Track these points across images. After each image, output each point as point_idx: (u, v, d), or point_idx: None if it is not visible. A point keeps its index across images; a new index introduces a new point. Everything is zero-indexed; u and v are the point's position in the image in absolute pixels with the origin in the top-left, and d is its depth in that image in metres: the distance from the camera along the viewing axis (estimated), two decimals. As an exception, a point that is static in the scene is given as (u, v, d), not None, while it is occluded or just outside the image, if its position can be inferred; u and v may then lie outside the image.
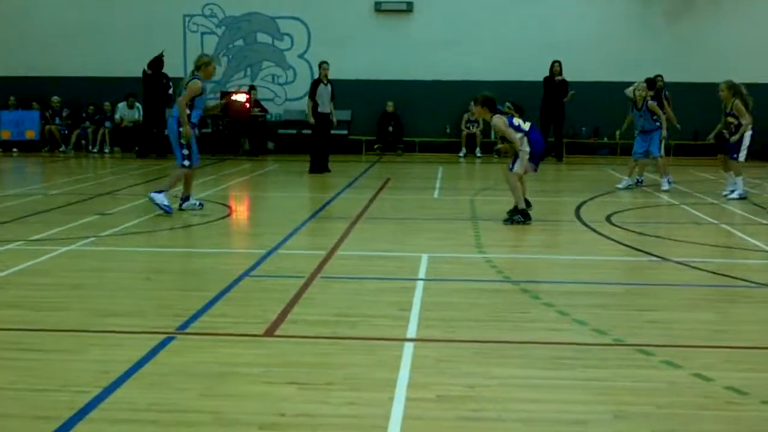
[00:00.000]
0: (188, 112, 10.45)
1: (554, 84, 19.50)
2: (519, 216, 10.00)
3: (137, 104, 20.73)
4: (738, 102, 12.60)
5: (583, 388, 4.51)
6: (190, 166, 10.59)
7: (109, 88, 20.94)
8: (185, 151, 10.48)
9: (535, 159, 10.15)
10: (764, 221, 10.42)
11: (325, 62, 16.35)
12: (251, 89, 20.83)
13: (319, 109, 16.08)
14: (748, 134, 12.65)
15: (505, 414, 4.12)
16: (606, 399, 4.34)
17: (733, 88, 12.73)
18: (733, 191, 12.74)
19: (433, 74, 20.89)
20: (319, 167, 16.27)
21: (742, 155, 12.70)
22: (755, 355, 5.17)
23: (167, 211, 10.26)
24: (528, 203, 10.33)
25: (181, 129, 10.37)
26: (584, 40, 20.51)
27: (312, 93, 16.13)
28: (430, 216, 10.87)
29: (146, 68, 19.50)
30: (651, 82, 15.53)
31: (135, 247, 8.53)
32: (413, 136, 21.33)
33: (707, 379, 4.60)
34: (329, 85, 16.19)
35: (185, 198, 10.83)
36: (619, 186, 14.11)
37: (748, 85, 19.43)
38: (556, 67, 19.58)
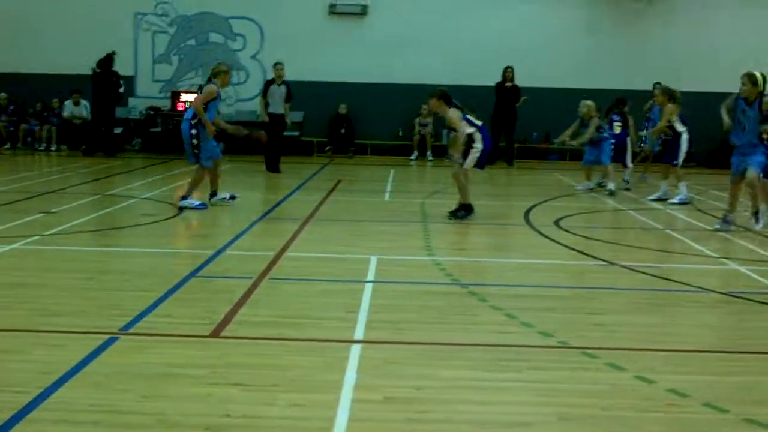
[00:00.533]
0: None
1: (506, 90, 19.64)
2: (463, 212, 10.35)
3: (83, 101, 20.43)
4: (670, 106, 12.90)
5: (528, 390, 4.54)
6: (203, 164, 10.99)
7: (57, 85, 20.59)
8: (196, 151, 10.88)
9: (484, 155, 10.47)
10: (708, 227, 10.58)
11: (280, 63, 16.48)
12: (200, 90, 20.59)
13: (270, 110, 16.17)
14: (685, 139, 12.98)
15: (452, 416, 4.13)
16: (551, 401, 4.38)
17: (668, 92, 13.07)
18: (661, 198, 13.22)
19: (385, 77, 20.90)
20: (271, 166, 16.38)
21: (681, 160, 12.99)
22: (696, 358, 5.25)
23: (202, 208, 10.83)
24: (471, 208, 10.60)
25: (192, 131, 10.83)
26: (536, 46, 20.68)
27: (264, 92, 16.30)
28: (381, 218, 10.87)
29: (95, 67, 19.24)
30: (621, 101, 15.83)
31: (80, 247, 8.40)
32: (365, 139, 21.33)
33: (649, 382, 4.66)
34: (283, 86, 16.24)
35: (212, 194, 11.35)
36: (579, 187, 14.44)
37: (696, 94, 19.86)
38: (508, 73, 19.72)
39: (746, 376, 4.91)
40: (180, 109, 19.93)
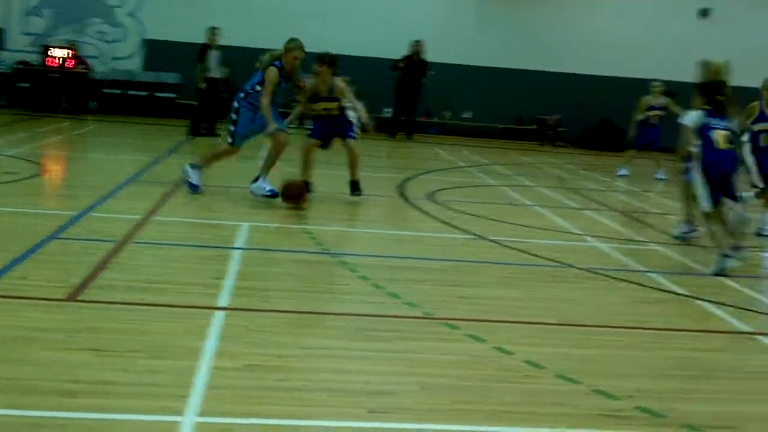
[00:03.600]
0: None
1: (413, 63, 19.55)
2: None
3: None
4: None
5: (390, 359, 4.58)
6: (232, 144, 9.44)
7: None
8: (231, 128, 9.39)
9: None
10: (575, 205, 10.92)
11: (217, 27, 16.45)
12: (72, 46, 19.82)
13: (210, 74, 16.33)
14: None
15: (313, 384, 4.12)
16: (412, 371, 4.42)
17: None
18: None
19: (277, 43, 20.47)
20: (198, 130, 16.39)
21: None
22: (554, 331, 5.40)
23: (272, 194, 9.02)
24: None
25: (235, 104, 9.38)
26: (429, 22, 20.69)
27: (201, 57, 16.28)
28: (255, 185, 10.71)
29: None
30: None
31: (-67, 203, 7.97)
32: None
33: (508, 353, 4.77)
34: (218, 50, 16.40)
35: (195, 165, 9.58)
36: None
37: (576, 76, 20.46)
38: (417, 47, 19.63)
39: (599, 349, 5.09)
40: (50, 64, 19.19)
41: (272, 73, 9.18)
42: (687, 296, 6.50)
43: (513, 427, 3.84)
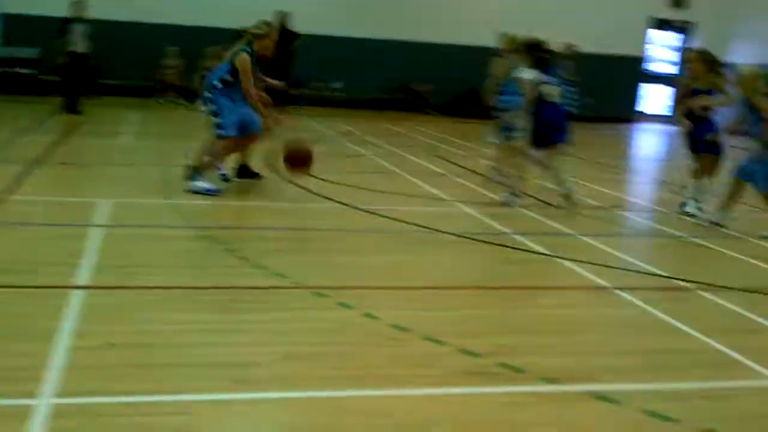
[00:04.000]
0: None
1: (283, 34, 19.22)
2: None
3: None
4: None
5: (257, 330, 4.56)
6: (222, 136, 8.55)
7: None
8: (217, 120, 8.52)
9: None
10: (445, 172, 11.09)
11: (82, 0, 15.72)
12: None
13: (72, 48, 15.55)
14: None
15: (179, 359, 4.06)
16: (278, 340, 4.42)
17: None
18: None
19: (132, 15, 19.89)
20: (72, 107, 15.70)
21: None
22: (422, 294, 5.50)
23: (212, 193, 8.41)
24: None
25: (209, 95, 8.53)
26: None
27: (61, 31, 15.52)
28: (118, 161, 10.40)
29: None
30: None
31: None
32: (109, 79, 20.28)
33: (375, 318, 4.82)
34: (85, 24, 15.68)
35: (240, 168, 9.28)
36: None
37: (446, 46, 20.61)
38: (281, 17, 19.29)
39: (465, 310, 5.21)
40: None
41: (246, 60, 8.43)
42: (548, 255, 6.72)
43: (378, 390, 3.88)
